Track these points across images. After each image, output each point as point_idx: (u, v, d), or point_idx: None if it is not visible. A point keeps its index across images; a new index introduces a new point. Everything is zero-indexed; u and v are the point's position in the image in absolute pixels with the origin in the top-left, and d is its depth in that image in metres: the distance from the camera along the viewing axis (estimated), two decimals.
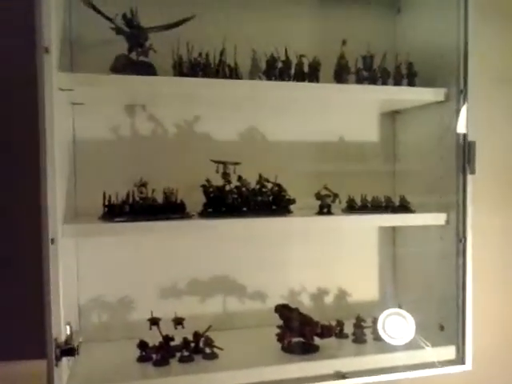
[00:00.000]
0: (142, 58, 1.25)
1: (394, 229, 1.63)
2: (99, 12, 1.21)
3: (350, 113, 1.56)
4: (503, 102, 1.69)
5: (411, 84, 1.40)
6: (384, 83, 1.39)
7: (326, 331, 1.32)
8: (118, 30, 1.25)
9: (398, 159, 1.62)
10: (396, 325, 1.40)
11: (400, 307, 1.43)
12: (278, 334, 1.31)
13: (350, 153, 1.59)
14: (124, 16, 1.25)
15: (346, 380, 1.25)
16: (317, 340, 1.34)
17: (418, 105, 1.45)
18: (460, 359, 1.34)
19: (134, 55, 1.25)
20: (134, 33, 1.24)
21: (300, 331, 1.30)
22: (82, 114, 1.38)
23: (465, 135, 1.30)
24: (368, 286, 1.63)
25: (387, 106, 1.54)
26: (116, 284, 1.43)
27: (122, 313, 1.44)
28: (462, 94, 1.30)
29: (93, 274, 1.41)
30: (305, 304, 1.56)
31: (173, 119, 1.45)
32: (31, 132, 1.10)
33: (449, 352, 1.36)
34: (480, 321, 1.41)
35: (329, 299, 1.59)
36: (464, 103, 1.30)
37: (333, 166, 1.56)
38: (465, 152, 1.30)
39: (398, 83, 1.39)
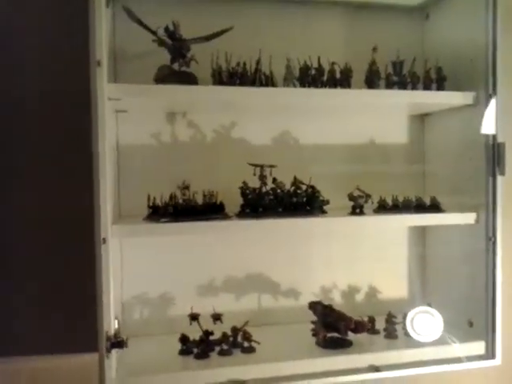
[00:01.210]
0: (183, 69, 1.33)
1: (424, 228, 1.67)
2: (145, 26, 1.29)
3: (380, 116, 1.61)
4: None
5: (440, 88, 1.44)
6: (414, 88, 1.43)
7: (359, 326, 1.37)
8: (161, 42, 1.33)
9: (427, 160, 1.66)
10: (424, 322, 1.44)
11: (429, 305, 1.47)
12: (313, 329, 1.37)
13: (381, 155, 1.64)
14: (166, 29, 1.32)
15: (379, 373, 1.31)
16: (350, 335, 1.40)
17: (445, 108, 1.49)
18: (490, 354, 1.38)
19: (176, 66, 1.33)
20: (176, 45, 1.31)
21: (334, 326, 1.36)
22: (125, 121, 1.46)
23: (494, 137, 1.34)
24: (398, 284, 1.67)
25: (417, 109, 1.59)
26: (157, 282, 1.51)
27: (162, 309, 1.51)
28: (491, 97, 1.34)
29: (135, 272, 1.49)
30: (336, 301, 1.61)
31: (211, 125, 1.52)
32: (82, 139, 1.19)
33: (478, 347, 1.40)
34: (508, 317, 1.44)
35: (359, 296, 1.64)
36: (493, 107, 1.34)
37: (364, 168, 1.61)
38: (494, 153, 1.34)
39: (427, 87, 1.44)
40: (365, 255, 1.63)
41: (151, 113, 1.48)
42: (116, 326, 1.22)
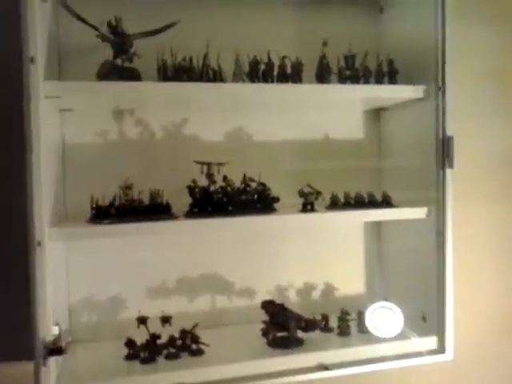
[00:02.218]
0: (126, 64, 1.28)
1: (379, 224, 1.66)
2: (84, 21, 1.24)
3: (334, 111, 1.59)
4: (489, 96, 1.71)
5: (392, 81, 1.43)
6: (366, 82, 1.42)
7: (310, 325, 1.36)
8: (104, 38, 1.28)
9: (383, 155, 1.65)
10: (384, 317, 1.44)
11: (386, 300, 1.46)
12: (262, 329, 1.34)
13: (336, 150, 1.62)
14: (109, 23, 1.28)
15: (329, 372, 1.29)
16: (302, 334, 1.38)
17: (401, 102, 1.47)
18: (441, 349, 1.38)
19: (119, 61, 1.28)
20: (119, 40, 1.27)
21: (284, 326, 1.34)
22: (71, 120, 1.41)
23: (443, 131, 1.33)
24: (354, 281, 1.66)
25: (371, 104, 1.57)
26: (106, 284, 1.47)
27: (112, 312, 1.47)
28: (441, 90, 1.33)
29: (83, 275, 1.44)
30: (292, 299, 1.59)
31: (160, 123, 1.48)
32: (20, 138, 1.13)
33: (431, 342, 1.39)
34: (462, 311, 1.44)
35: (316, 294, 1.63)
36: (442, 99, 1.33)
37: (319, 164, 1.59)
38: (444, 147, 1.33)
39: (379, 81, 1.42)
40: (320, 252, 1.61)
41: (98, 111, 1.43)
42: (57, 332, 1.17)
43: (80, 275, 1.45)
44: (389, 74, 1.43)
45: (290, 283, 1.60)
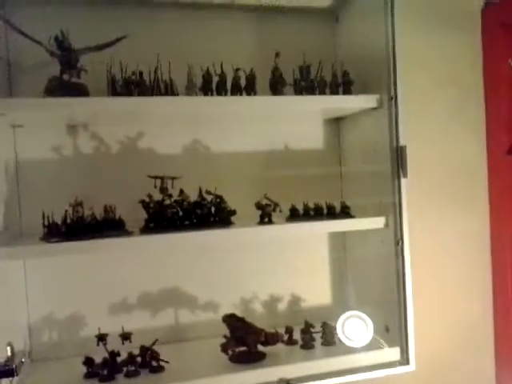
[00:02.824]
0: (74, 80, 1.27)
1: (344, 233, 1.65)
2: (27, 36, 1.23)
3: (292, 121, 1.57)
4: (447, 103, 1.71)
5: (347, 92, 1.42)
6: (321, 92, 1.41)
7: (270, 339, 1.34)
8: (51, 53, 1.27)
9: (343, 165, 1.64)
10: (355, 327, 1.42)
11: (352, 310, 1.45)
12: (222, 345, 1.32)
13: (296, 161, 1.61)
14: (56, 38, 1.27)
15: None
16: (266, 348, 1.36)
17: (357, 111, 1.47)
18: (404, 360, 1.36)
19: (66, 77, 1.27)
20: (65, 55, 1.26)
21: (243, 340, 1.32)
22: (23, 136, 1.40)
23: (397, 140, 1.33)
24: (321, 291, 1.65)
25: (328, 114, 1.57)
26: (66, 302, 1.45)
27: (73, 330, 1.45)
28: (393, 100, 1.33)
29: (42, 293, 1.43)
30: (258, 312, 1.58)
31: (115, 137, 1.47)
32: None
33: (394, 353, 1.38)
34: (425, 322, 1.43)
35: (282, 306, 1.61)
36: (395, 109, 1.32)
37: (279, 175, 1.58)
38: (398, 156, 1.33)
39: (334, 92, 1.42)
40: (285, 263, 1.60)
41: (49, 126, 1.41)
42: (9, 352, 1.15)
43: (39, 294, 1.43)
44: (343, 84, 1.43)
45: (254, 295, 1.59)
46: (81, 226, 1.22)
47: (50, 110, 1.19)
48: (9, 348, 1.16)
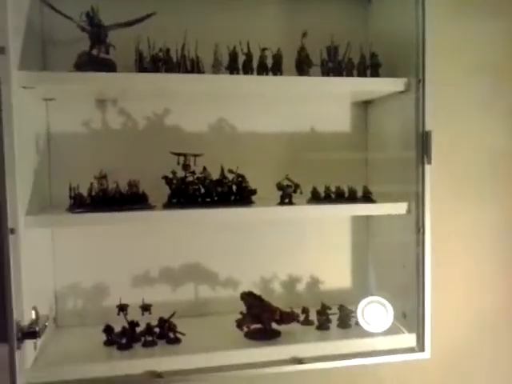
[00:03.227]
0: (102, 55, 1.30)
1: (367, 218, 1.64)
2: (57, 11, 1.26)
3: (319, 103, 1.56)
4: (479, 89, 1.66)
5: (374, 74, 1.40)
6: (348, 74, 1.40)
7: (285, 318, 1.36)
8: (82, 28, 1.30)
9: (369, 149, 1.62)
10: (376, 312, 1.43)
11: (372, 295, 1.45)
12: (237, 321, 1.35)
13: (321, 143, 1.60)
14: (87, 14, 1.29)
15: (304, 365, 1.29)
16: (281, 327, 1.38)
17: (385, 95, 1.45)
18: (420, 347, 1.36)
19: (95, 52, 1.30)
20: (95, 30, 1.28)
21: (258, 318, 1.34)
22: (54, 109, 1.44)
23: (423, 125, 1.30)
24: (340, 274, 1.65)
25: (355, 97, 1.55)
26: (91, 272, 1.50)
27: (96, 299, 1.50)
28: (420, 83, 1.30)
29: (69, 262, 1.48)
30: (277, 291, 1.60)
31: (142, 113, 1.49)
32: None
33: (409, 340, 1.37)
34: (444, 310, 1.41)
35: (301, 287, 1.62)
36: (422, 93, 1.30)
37: (303, 157, 1.58)
38: (423, 142, 1.30)
39: (361, 74, 1.40)
40: (306, 245, 1.60)
41: (79, 100, 1.45)
42: (33, 316, 1.21)
43: (66, 263, 1.48)
44: (371, 66, 1.40)
45: (274, 275, 1.60)
46: (105, 199, 1.26)
47: (78, 83, 1.22)
48: (33, 312, 1.21)
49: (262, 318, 1.34)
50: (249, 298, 1.40)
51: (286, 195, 1.36)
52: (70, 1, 1.32)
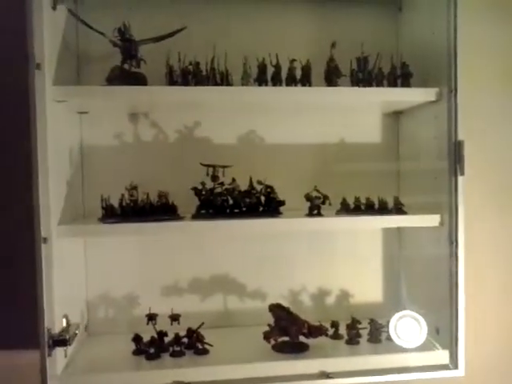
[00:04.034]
0: (134, 69, 1.33)
1: (399, 230, 1.60)
2: (90, 27, 1.30)
3: (349, 114, 1.55)
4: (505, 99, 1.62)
5: (405, 84, 1.38)
6: (379, 85, 1.38)
7: (313, 331, 1.34)
8: (114, 43, 1.34)
9: (401, 159, 1.59)
10: (408, 327, 1.39)
11: (403, 309, 1.42)
12: (264, 333, 1.34)
13: (351, 154, 1.59)
14: (119, 30, 1.33)
15: (331, 380, 1.26)
16: (310, 340, 1.36)
17: (416, 105, 1.42)
18: (453, 364, 1.31)
19: (127, 66, 1.33)
20: (126, 45, 1.32)
21: (286, 330, 1.33)
22: (88, 123, 1.49)
23: (455, 135, 1.27)
24: (371, 288, 1.61)
25: (386, 107, 1.53)
26: (123, 281, 1.52)
27: (126, 309, 1.52)
28: (452, 93, 1.27)
29: (100, 272, 1.51)
30: (306, 304, 1.58)
31: (173, 126, 1.52)
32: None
33: (443, 356, 1.33)
34: (479, 326, 1.36)
35: (330, 300, 1.60)
36: (454, 102, 1.27)
37: (333, 169, 1.57)
38: (455, 152, 1.27)
39: (391, 84, 1.38)
40: (337, 257, 1.59)
41: (113, 113, 1.49)
42: (64, 324, 1.23)
43: (98, 272, 1.51)
44: (402, 76, 1.39)
45: (303, 287, 1.59)
46: (135, 209, 1.28)
47: (109, 97, 1.26)
48: (64, 320, 1.24)
49: (289, 331, 1.32)
50: (277, 309, 1.38)
51: (315, 206, 1.35)
52: (103, 18, 1.37)
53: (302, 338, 1.35)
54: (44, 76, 1.15)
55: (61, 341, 1.19)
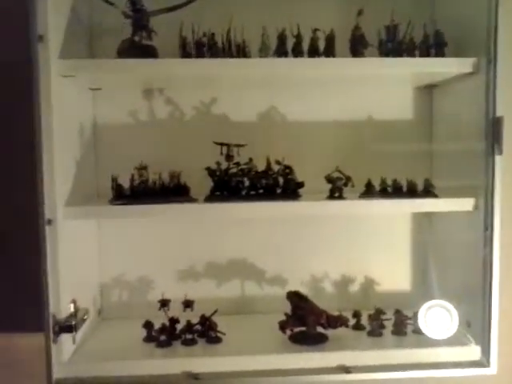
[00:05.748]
0: (144, 42, 1.25)
1: (430, 215, 1.49)
2: None
3: (377, 88, 1.43)
4: None
5: (439, 55, 1.26)
6: (410, 55, 1.26)
7: (331, 321, 1.25)
8: (125, 14, 1.26)
9: (435, 139, 1.47)
10: (438, 317, 1.30)
11: (432, 299, 1.32)
12: (279, 322, 1.26)
13: (379, 132, 1.47)
14: (131, 0, 1.25)
15: (350, 375, 1.18)
16: (330, 331, 1.28)
17: (451, 77, 1.30)
18: (485, 361, 1.21)
19: (137, 38, 1.25)
20: (138, 16, 1.24)
21: (303, 320, 1.25)
22: (101, 99, 1.42)
23: (494, 110, 1.15)
24: (398, 276, 1.51)
25: (418, 80, 1.41)
26: (137, 265, 1.47)
27: (140, 293, 1.47)
28: (491, 63, 1.14)
29: (114, 255, 1.46)
30: (328, 292, 1.50)
31: (189, 102, 1.44)
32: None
33: (474, 352, 1.23)
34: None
35: (354, 288, 1.51)
36: (493, 74, 1.14)
37: (359, 148, 1.46)
38: (493, 129, 1.15)
39: (423, 54, 1.26)
40: (361, 243, 1.49)
41: (126, 90, 1.42)
42: (72, 309, 1.19)
43: (112, 254, 1.47)
44: (436, 45, 1.26)
45: (325, 274, 1.50)
46: (145, 190, 1.22)
47: (118, 70, 1.19)
48: (72, 305, 1.19)
49: (306, 321, 1.24)
50: (295, 297, 1.31)
51: (336, 188, 1.26)
52: None
53: (320, 329, 1.27)
54: (48, 49, 1.08)
55: (67, 327, 1.14)
